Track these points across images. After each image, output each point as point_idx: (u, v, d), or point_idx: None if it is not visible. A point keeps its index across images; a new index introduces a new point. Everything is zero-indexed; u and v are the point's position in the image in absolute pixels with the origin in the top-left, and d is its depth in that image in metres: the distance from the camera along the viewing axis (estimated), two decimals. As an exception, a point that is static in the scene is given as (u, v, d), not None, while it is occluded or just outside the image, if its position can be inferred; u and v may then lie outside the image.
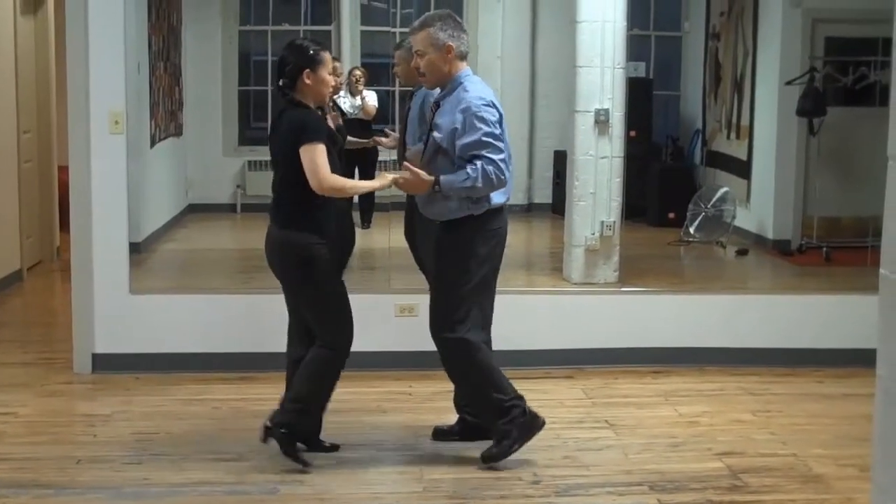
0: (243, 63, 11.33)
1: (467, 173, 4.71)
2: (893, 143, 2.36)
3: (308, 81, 4.80)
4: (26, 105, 9.25)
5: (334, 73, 5.10)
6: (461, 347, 4.92)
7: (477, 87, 4.87)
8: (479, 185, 4.72)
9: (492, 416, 4.98)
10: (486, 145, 4.73)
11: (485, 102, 4.79)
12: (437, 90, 5.00)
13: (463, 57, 4.87)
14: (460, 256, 4.88)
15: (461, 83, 4.85)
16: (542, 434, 5.40)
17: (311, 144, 4.68)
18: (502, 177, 4.75)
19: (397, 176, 4.86)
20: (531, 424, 4.99)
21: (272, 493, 4.64)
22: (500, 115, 4.85)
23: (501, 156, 4.76)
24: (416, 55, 4.92)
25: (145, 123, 8.85)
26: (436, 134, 4.85)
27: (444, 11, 4.94)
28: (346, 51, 10.37)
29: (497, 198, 4.88)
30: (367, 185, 5.28)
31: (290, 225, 4.80)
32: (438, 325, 4.94)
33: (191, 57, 10.70)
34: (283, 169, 4.82)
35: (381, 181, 4.95)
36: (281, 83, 4.84)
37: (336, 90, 5.13)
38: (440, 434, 5.30)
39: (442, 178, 4.76)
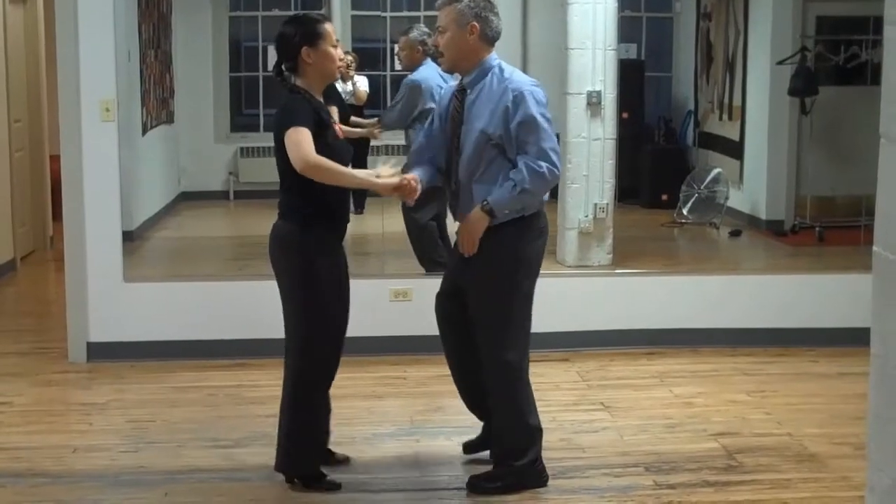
0: (234, 49, 11.29)
1: (513, 180, 4.30)
2: (885, 122, 2.36)
3: (309, 60, 4.36)
4: (17, 94, 9.22)
5: (341, 60, 4.81)
6: (513, 371, 4.52)
7: (519, 73, 4.49)
8: (531, 186, 4.30)
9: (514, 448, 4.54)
10: (540, 129, 4.31)
11: (535, 84, 4.42)
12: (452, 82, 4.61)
13: (490, 41, 4.47)
14: (509, 264, 4.45)
15: (493, 67, 4.44)
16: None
17: (295, 127, 4.21)
18: (555, 169, 4.35)
19: (402, 180, 4.36)
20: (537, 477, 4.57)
21: (269, 479, 4.64)
22: (547, 101, 4.45)
23: (552, 143, 4.35)
24: (437, 32, 4.50)
25: (137, 111, 8.83)
26: (476, 123, 4.39)
27: None
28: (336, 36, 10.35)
29: None
30: (363, 177, 4.46)
31: (288, 216, 4.47)
32: (491, 345, 4.50)
33: (181, 44, 10.67)
34: (281, 163, 4.38)
35: (381, 183, 4.38)
36: (278, 68, 4.42)
37: (346, 67, 4.64)
38: (471, 448, 4.86)
39: (490, 200, 4.31)
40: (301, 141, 4.20)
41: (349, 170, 4.38)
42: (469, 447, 4.85)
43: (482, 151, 4.39)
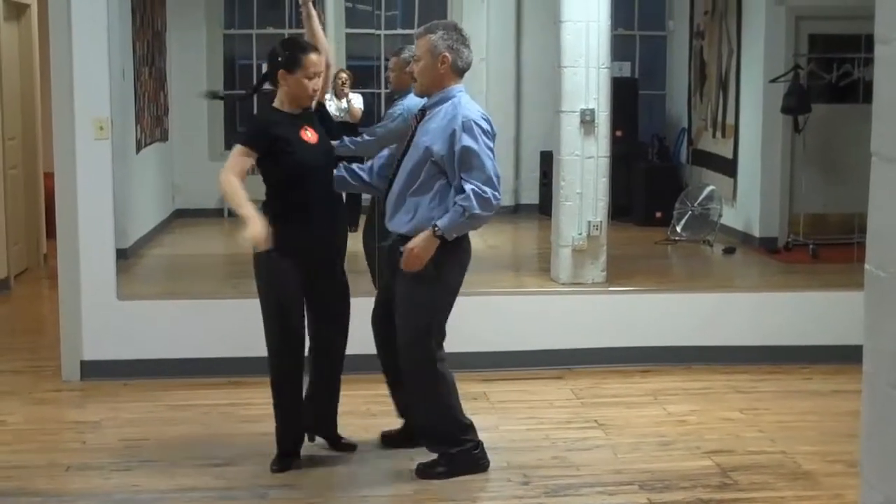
0: (228, 67, 11.31)
1: (461, 206, 4.58)
2: (877, 140, 2.37)
3: (284, 83, 4.79)
4: (11, 111, 9.23)
5: (336, 78, 5.11)
6: (430, 365, 4.82)
7: (473, 105, 4.75)
8: (478, 210, 4.57)
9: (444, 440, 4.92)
10: (483, 158, 4.60)
11: (483, 116, 4.70)
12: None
13: (459, 72, 4.75)
14: (429, 277, 4.71)
15: (454, 97, 4.73)
16: (531, 435, 5.43)
17: (237, 144, 4.78)
18: (498, 195, 4.64)
19: (259, 231, 4.60)
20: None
21: (262, 497, 4.64)
22: (494, 134, 4.73)
23: (496, 172, 4.64)
24: (413, 60, 4.86)
25: (131, 129, 8.84)
26: (424, 139, 4.71)
27: (450, 22, 4.86)
28: (331, 54, 10.37)
29: None
30: (244, 212, 4.70)
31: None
32: (408, 340, 4.81)
33: (175, 62, 10.68)
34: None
35: (249, 224, 4.63)
36: (261, 80, 4.95)
37: (321, 94, 5.01)
38: (389, 440, 5.27)
39: (440, 225, 4.61)
40: (232, 156, 4.76)
41: (238, 198, 4.73)
42: (388, 439, 5.26)
43: (423, 166, 4.70)
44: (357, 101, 9.04)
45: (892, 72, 2.31)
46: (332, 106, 8.85)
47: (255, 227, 4.58)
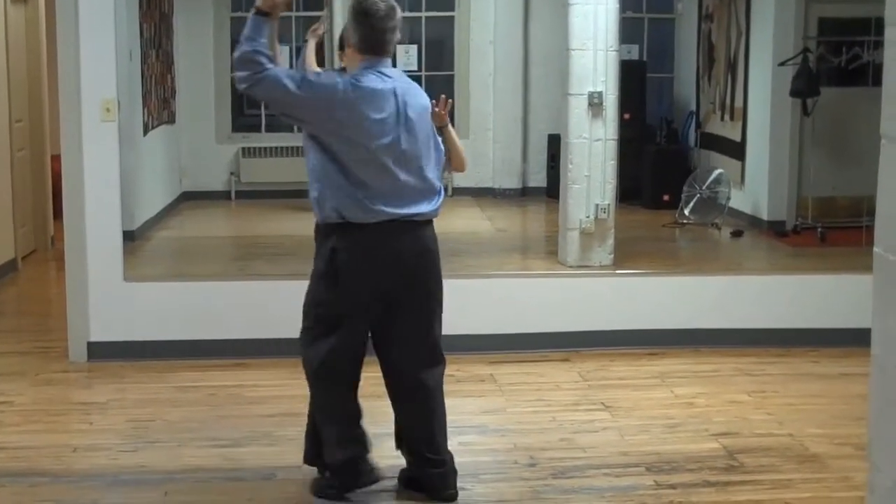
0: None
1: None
2: (886, 122, 2.36)
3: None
4: (18, 94, 9.22)
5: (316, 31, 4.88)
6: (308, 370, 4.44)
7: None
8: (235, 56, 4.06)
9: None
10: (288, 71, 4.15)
11: (351, 80, 4.15)
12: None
13: (360, 50, 4.25)
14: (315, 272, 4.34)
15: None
16: (538, 417, 5.44)
17: None
18: (249, 55, 4.00)
19: None
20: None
21: (269, 478, 4.64)
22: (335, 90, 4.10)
23: (284, 71, 4.07)
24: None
25: (138, 111, 8.85)
26: None
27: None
28: (337, 37, 10.35)
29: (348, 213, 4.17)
30: None
31: None
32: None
33: (183, 44, 10.69)
34: None
35: None
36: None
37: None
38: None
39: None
40: None
41: None
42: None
43: None
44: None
45: (902, 53, 2.30)
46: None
47: None
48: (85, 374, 6.25)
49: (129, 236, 6.91)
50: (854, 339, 5.27)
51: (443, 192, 4.37)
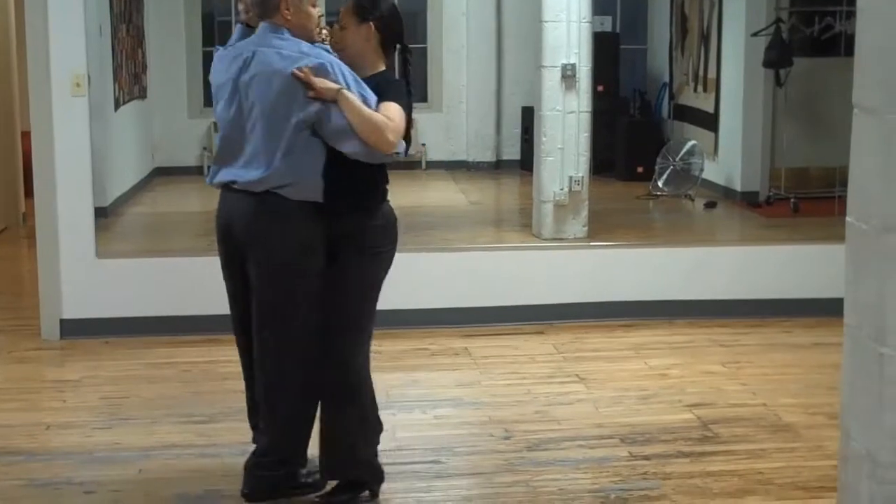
0: (207, 23, 11.23)
1: None
2: (858, 92, 2.36)
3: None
4: (-13, 69, 9.13)
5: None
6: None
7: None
8: None
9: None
10: None
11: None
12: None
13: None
14: None
15: None
16: (512, 390, 5.45)
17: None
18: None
19: None
20: None
21: (244, 454, 4.62)
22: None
23: None
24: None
25: (109, 87, 8.77)
26: None
27: None
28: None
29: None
30: None
31: None
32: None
33: (153, 18, 10.59)
34: None
35: None
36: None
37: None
38: None
39: None
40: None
41: None
42: None
43: None
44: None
45: (873, 24, 2.30)
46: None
47: None
48: (58, 352, 6.22)
49: (101, 212, 6.85)
50: (827, 309, 5.30)
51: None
